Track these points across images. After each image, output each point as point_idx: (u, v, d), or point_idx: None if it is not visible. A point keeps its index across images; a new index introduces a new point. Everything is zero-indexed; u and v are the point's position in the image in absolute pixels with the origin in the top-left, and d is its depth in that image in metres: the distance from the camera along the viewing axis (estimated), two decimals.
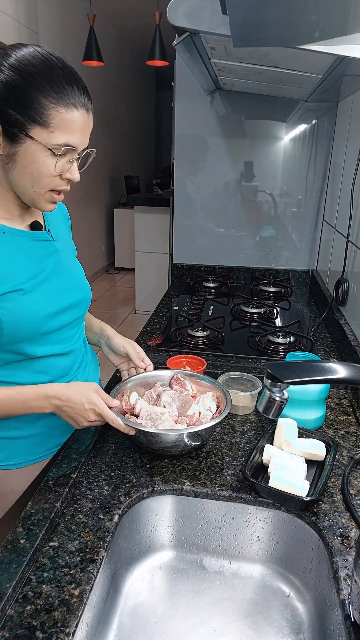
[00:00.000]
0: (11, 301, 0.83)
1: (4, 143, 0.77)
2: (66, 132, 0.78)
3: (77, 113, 0.78)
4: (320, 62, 1.04)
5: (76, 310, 0.97)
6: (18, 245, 0.87)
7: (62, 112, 0.76)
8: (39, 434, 0.97)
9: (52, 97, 0.75)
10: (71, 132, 0.78)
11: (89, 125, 0.82)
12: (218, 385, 1.00)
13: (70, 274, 0.97)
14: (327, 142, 1.97)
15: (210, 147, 2.06)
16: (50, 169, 0.80)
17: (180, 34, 0.97)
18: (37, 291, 0.88)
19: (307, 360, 1.06)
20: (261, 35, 0.73)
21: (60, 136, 0.77)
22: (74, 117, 0.78)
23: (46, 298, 0.89)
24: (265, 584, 0.81)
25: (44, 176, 0.80)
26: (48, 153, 0.78)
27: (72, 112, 0.77)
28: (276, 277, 2.18)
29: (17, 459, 0.96)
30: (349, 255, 1.46)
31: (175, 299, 1.91)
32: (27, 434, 0.95)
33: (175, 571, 0.83)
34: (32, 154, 0.78)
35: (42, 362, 0.92)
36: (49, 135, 0.77)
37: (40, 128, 0.76)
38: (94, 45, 4.06)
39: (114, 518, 0.76)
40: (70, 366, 0.99)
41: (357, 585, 0.58)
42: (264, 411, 0.77)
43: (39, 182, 0.81)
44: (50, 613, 0.61)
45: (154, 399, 0.99)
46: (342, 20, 0.70)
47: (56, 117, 0.76)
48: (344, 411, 1.10)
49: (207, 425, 0.86)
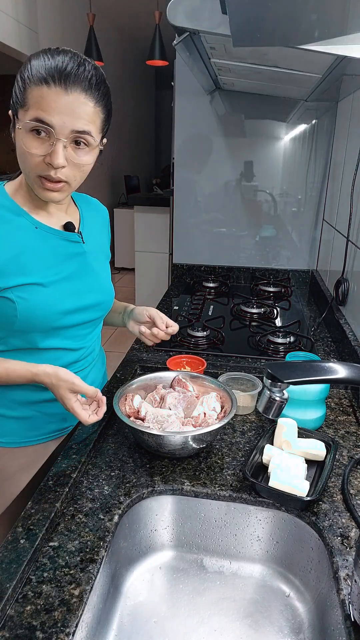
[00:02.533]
0: (29, 292, 0.87)
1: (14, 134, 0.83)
2: (38, 108, 0.76)
3: (49, 90, 0.76)
4: (320, 62, 1.04)
5: (94, 311, 1.00)
6: (47, 242, 0.90)
7: (34, 88, 0.77)
8: (32, 417, 0.99)
9: (28, 78, 0.77)
10: (43, 109, 0.76)
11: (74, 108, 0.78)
12: (221, 386, 1.00)
13: (95, 276, 1.00)
14: (327, 141, 1.96)
15: (210, 146, 2.06)
16: (30, 149, 0.79)
17: (180, 34, 0.97)
18: (56, 287, 0.90)
19: (307, 360, 1.06)
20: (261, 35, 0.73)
21: (32, 112, 0.77)
22: (43, 92, 0.76)
23: (64, 295, 0.92)
24: (266, 583, 0.81)
25: (26, 158, 0.81)
26: (28, 134, 0.79)
27: (43, 88, 0.76)
28: (276, 277, 2.18)
29: (8, 438, 0.98)
30: (349, 255, 1.46)
31: (175, 299, 1.91)
32: (19, 415, 0.97)
33: (176, 571, 0.83)
34: (19, 138, 0.81)
35: (50, 353, 0.95)
36: (25, 113, 0.79)
37: (22, 110, 0.79)
38: (93, 45, 4.06)
39: (114, 518, 0.76)
40: (75, 361, 1.00)
41: (357, 585, 0.58)
42: (264, 411, 0.77)
43: (25, 166, 0.83)
44: (50, 613, 0.61)
45: (158, 401, 0.99)
46: (342, 20, 0.70)
47: (30, 93, 0.77)
48: (344, 411, 1.10)
49: (217, 426, 0.86)
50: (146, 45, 4.31)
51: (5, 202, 0.88)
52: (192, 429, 0.88)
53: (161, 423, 0.90)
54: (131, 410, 0.94)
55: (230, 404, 0.93)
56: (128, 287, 5.42)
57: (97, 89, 0.80)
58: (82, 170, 0.85)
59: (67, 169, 0.82)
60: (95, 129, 0.83)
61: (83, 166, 0.84)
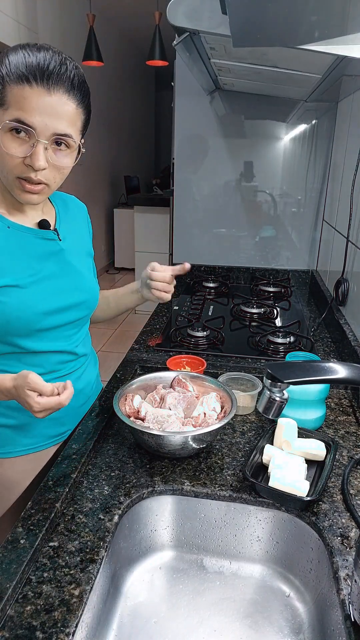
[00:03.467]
0: (5, 295, 0.84)
1: None
2: (18, 108, 0.75)
3: (31, 90, 0.74)
4: (320, 62, 1.04)
5: (77, 311, 0.97)
6: (20, 241, 0.87)
7: (14, 87, 0.74)
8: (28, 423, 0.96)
9: (7, 76, 0.74)
10: (23, 109, 0.75)
11: (56, 109, 0.76)
12: (221, 386, 1.00)
13: (75, 274, 0.97)
14: (327, 142, 1.97)
15: (210, 147, 2.06)
16: (9, 150, 0.77)
17: (180, 34, 0.97)
18: (33, 288, 0.88)
19: (307, 360, 1.06)
20: (261, 35, 0.73)
21: (13, 112, 0.75)
22: (25, 93, 0.74)
23: (42, 296, 0.89)
24: (265, 584, 0.81)
25: (4, 159, 0.79)
26: (4, 132, 0.76)
27: (24, 88, 0.74)
28: (276, 277, 2.18)
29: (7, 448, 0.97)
30: (349, 255, 1.46)
31: (175, 299, 1.91)
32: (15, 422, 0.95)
33: (176, 571, 0.83)
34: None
35: (38, 356, 0.93)
36: (4, 112, 0.76)
37: (2, 111, 0.76)
38: (93, 45, 4.06)
39: (114, 518, 0.76)
40: (65, 362, 0.99)
41: (357, 585, 0.58)
42: (264, 411, 0.77)
43: (3, 167, 0.80)
44: (50, 613, 0.61)
45: (158, 401, 0.99)
46: (342, 20, 0.70)
47: (9, 92, 0.75)
48: (344, 411, 1.10)
49: (217, 426, 0.86)
50: (146, 45, 4.32)
51: None
52: (192, 429, 0.88)
53: (161, 423, 0.90)
54: (131, 410, 0.93)
55: (230, 404, 0.93)
56: None
57: (79, 90, 0.79)
58: (61, 172, 0.84)
59: (47, 170, 0.81)
60: (76, 130, 0.81)
61: (63, 168, 0.83)
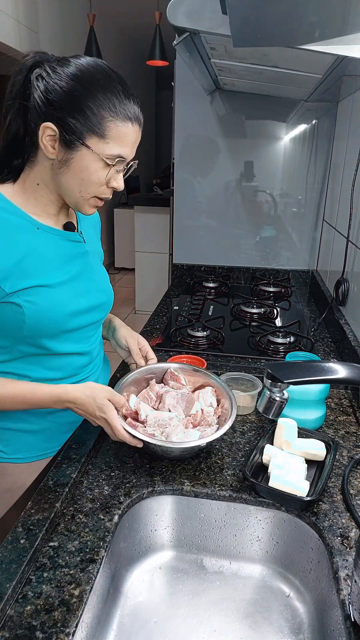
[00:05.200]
0: (37, 295, 0.85)
1: (59, 149, 0.81)
2: (120, 144, 0.82)
3: (132, 127, 0.82)
4: (320, 62, 1.04)
5: (98, 312, 0.99)
6: (49, 242, 0.90)
7: (119, 125, 0.80)
8: (48, 428, 0.97)
9: (112, 110, 0.79)
10: (125, 145, 0.82)
11: (139, 138, 0.86)
12: (214, 378, 1.00)
13: (96, 276, 0.99)
14: (327, 142, 1.96)
15: (211, 147, 2.06)
16: (101, 178, 0.83)
17: (180, 34, 0.97)
18: (63, 288, 0.90)
19: (307, 360, 1.06)
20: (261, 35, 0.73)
21: (114, 147, 0.81)
22: (128, 130, 0.81)
23: (71, 296, 0.91)
24: (265, 584, 0.81)
25: (93, 183, 0.84)
26: (101, 163, 0.82)
27: (128, 126, 0.81)
28: (276, 277, 2.18)
29: (25, 453, 0.97)
30: (349, 255, 1.46)
31: (175, 299, 1.91)
32: (35, 428, 0.96)
33: (175, 571, 0.83)
34: (87, 162, 0.81)
35: (60, 359, 0.94)
36: (105, 146, 0.81)
37: (97, 138, 0.80)
38: (94, 45, 4.05)
39: (114, 518, 0.76)
40: (84, 366, 1.00)
41: (357, 586, 0.58)
42: (264, 411, 0.77)
43: (87, 188, 0.84)
44: (50, 613, 0.61)
45: (154, 400, 0.98)
46: (342, 20, 0.70)
47: (113, 129, 0.80)
48: (344, 411, 1.10)
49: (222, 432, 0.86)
50: (146, 45, 4.31)
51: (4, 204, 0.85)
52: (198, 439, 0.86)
53: (164, 427, 0.89)
54: (128, 411, 0.92)
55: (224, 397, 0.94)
56: (128, 287, 5.42)
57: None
58: None
59: None
60: None
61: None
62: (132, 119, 0.81)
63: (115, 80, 0.80)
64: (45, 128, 0.79)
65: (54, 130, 0.79)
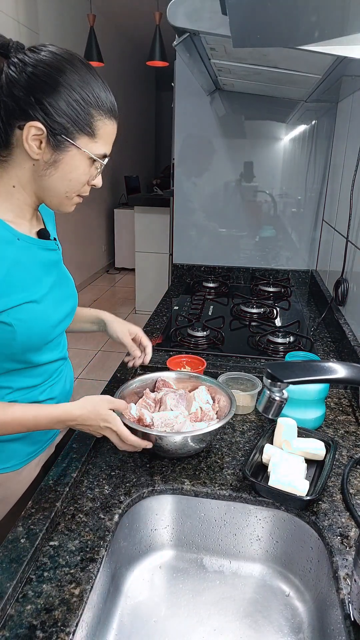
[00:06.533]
0: (26, 312, 0.82)
1: (45, 149, 0.76)
2: (106, 142, 0.82)
3: (115, 123, 0.82)
4: (319, 63, 1.04)
5: (70, 317, 0.98)
6: (30, 254, 0.86)
7: (107, 122, 0.80)
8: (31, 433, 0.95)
9: (100, 108, 0.78)
10: (109, 142, 0.82)
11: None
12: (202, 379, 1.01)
13: (68, 282, 0.98)
14: (326, 142, 1.97)
15: (210, 147, 2.06)
16: (88, 177, 0.82)
17: (180, 35, 0.97)
18: (46, 301, 0.87)
19: (307, 360, 1.06)
20: (261, 36, 0.73)
21: (102, 146, 0.81)
22: (114, 128, 0.82)
23: (53, 308, 0.89)
24: (265, 583, 0.81)
25: (80, 183, 0.83)
26: (89, 162, 0.81)
27: (113, 123, 0.81)
28: (276, 277, 2.18)
29: (13, 461, 0.95)
30: (348, 255, 1.47)
31: (175, 299, 1.91)
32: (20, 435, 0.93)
33: (176, 570, 0.83)
34: (76, 163, 0.79)
35: (39, 368, 0.92)
36: (94, 145, 0.80)
37: (87, 138, 0.78)
38: (94, 46, 4.06)
39: (114, 517, 0.76)
40: (57, 369, 0.98)
41: (356, 585, 0.59)
42: (264, 411, 0.77)
43: (73, 189, 0.83)
44: (50, 612, 0.61)
45: (152, 406, 0.98)
46: (341, 20, 0.70)
47: (102, 127, 0.79)
48: (343, 411, 1.10)
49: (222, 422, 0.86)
50: (146, 45, 4.32)
51: None
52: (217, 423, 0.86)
53: (171, 426, 0.89)
54: (132, 419, 0.91)
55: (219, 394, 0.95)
56: (128, 287, 5.42)
57: None
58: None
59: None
60: None
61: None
62: (115, 114, 0.80)
63: (93, 71, 0.77)
64: (30, 127, 0.73)
65: (40, 130, 0.74)
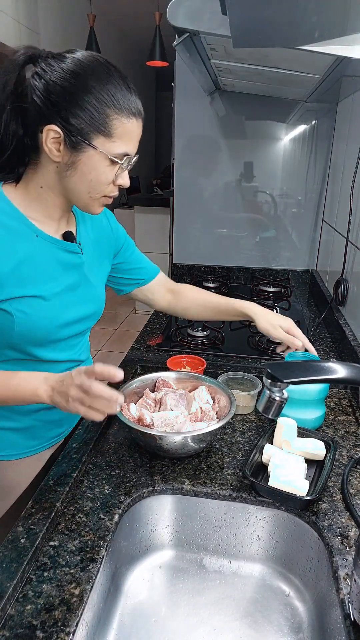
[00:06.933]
0: (29, 305, 0.83)
1: (64, 151, 0.78)
2: (126, 142, 0.80)
3: (136, 122, 0.80)
4: (320, 63, 1.04)
5: (87, 322, 0.98)
6: (47, 251, 0.87)
7: (125, 122, 0.78)
8: (32, 426, 0.97)
9: (116, 107, 0.76)
10: (130, 141, 0.80)
11: (141, 131, 0.83)
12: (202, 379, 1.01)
13: (90, 287, 0.97)
14: (326, 142, 1.97)
15: (210, 147, 2.06)
16: (109, 177, 0.81)
17: (180, 35, 0.97)
18: (56, 300, 0.88)
19: (307, 360, 1.06)
20: (261, 36, 0.74)
21: (121, 145, 0.79)
22: (133, 126, 0.80)
23: (63, 308, 0.89)
24: (265, 583, 0.81)
25: (101, 183, 0.82)
26: (108, 162, 0.80)
27: (132, 122, 0.79)
28: (276, 277, 2.18)
29: (8, 451, 0.97)
30: (348, 256, 1.47)
31: None
32: (19, 425, 0.96)
33: (176, 570, 0.83)
34: (94, 163, 0.79)
35: (45, 365, 0.93)
36: (112, 145, 0.78)
37: (103, 138, 0.78)
38: (94, 46, 4.06)
39: (114, 517, 0.76)
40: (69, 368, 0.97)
41: (356, 585, 0.59)
42: (264, 411, 0.77)
43: (96, 189, 0.82)
44: (50, 612, 0.61)
45: (152, 406, 0.98)
46: (342, 20, 0.70)
47: (119, 127, 0.78)
48: (343, 411, 1.10)
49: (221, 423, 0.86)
50: (146, 46, 4.32)
51: (5, 207, 0.83)
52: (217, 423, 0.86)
53: (172, 426, 0.89)
54: (133, 420, 0.91)
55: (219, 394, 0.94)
56: None
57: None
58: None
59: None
60: None
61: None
62: (136, 114, 0.79)
63: (115, 74, 0.77)
64: (49, 131, 0.76)
65: (57, 133, 0.76)
